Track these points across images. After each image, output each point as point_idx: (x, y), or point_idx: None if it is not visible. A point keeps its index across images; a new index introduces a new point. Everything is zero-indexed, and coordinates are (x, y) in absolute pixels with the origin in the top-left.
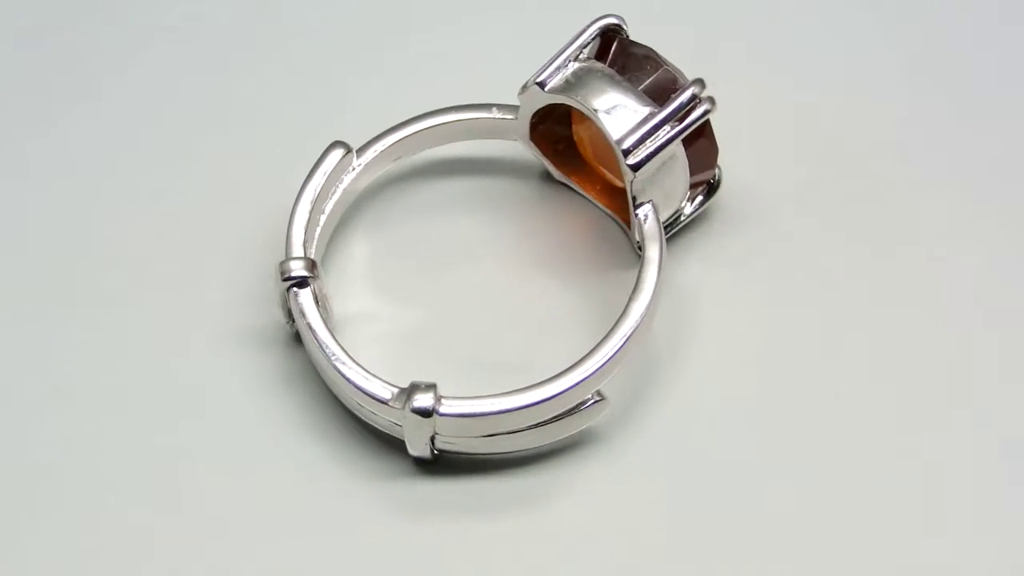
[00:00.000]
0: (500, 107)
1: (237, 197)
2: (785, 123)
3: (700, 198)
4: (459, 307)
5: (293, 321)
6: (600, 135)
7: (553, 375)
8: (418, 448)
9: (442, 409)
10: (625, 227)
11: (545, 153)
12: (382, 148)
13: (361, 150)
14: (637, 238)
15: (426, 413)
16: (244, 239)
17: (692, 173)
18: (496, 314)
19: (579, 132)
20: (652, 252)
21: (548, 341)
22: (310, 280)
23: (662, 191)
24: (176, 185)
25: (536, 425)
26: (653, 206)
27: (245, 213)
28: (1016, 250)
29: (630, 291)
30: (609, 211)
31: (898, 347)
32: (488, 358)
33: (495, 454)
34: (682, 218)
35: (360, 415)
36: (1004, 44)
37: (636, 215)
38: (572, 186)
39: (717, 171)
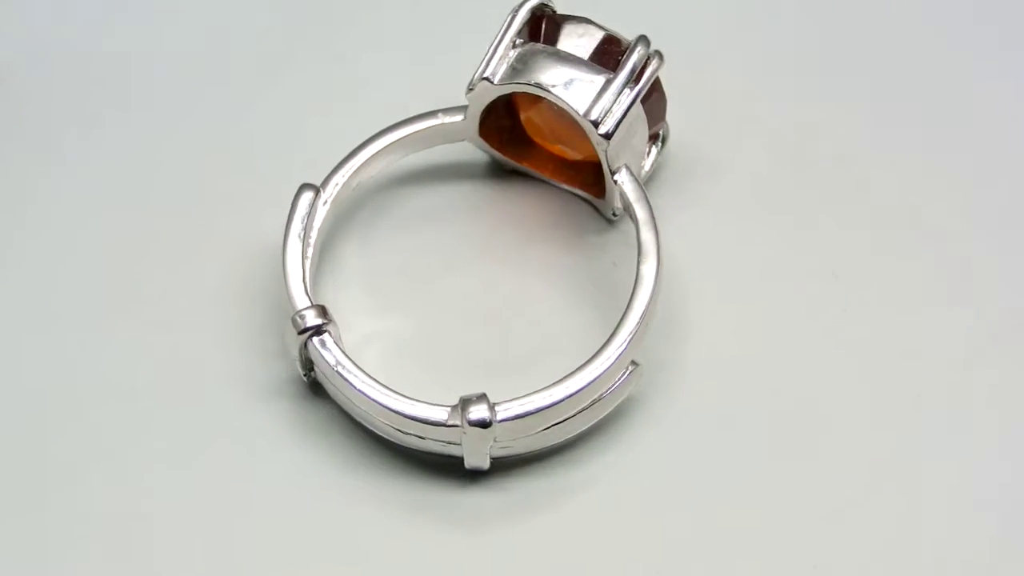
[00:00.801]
0: (445, 111)
1: (197, 248)
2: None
3: (655, 151)
4: (450, 312)
5: (311, 371)
6: (556, 114)
7: (591, 355)
8: (477, 459)
9: (499, 416)
10: (590, 198)
11: (494, 146)
12: (343, 180)
13: (323, 184)
14: (616, 204)
15: (486, 424)
16: (219, 290)
17: (648, 127)
18: (490, 312)
19: (530, 117)
20: (643, 213)
21: (547, 328)
22: (326, 326)
23: (631, 152)
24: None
25: (583, 408)
26: (628, 169)
27: (213, 264)
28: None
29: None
30: (570, 187)
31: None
32: (495, 357)
33: (546, 448)
34: (643, 174)
35: (404, 443)
36: None
37: (616, 181)
38: (526, 171)
39: (664, 123)
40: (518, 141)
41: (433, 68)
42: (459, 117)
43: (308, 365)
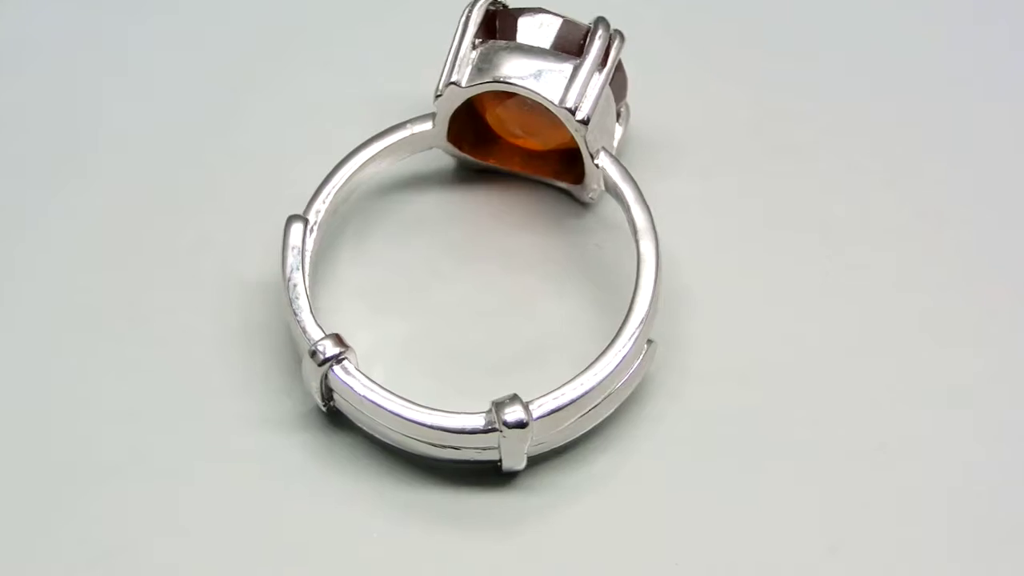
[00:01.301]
0: (413, 121)
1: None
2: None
3: (619, 129)
4: (449, 318)
5: (331, 401)
6: (524, 108)
7: (610, 339)
8: (515, 460)
9: (535, 413)
10: (564, 185)
11: (463, 149)
12: (324, 206)
13: (307, 212)
14: (594, 187)
15: (523, 424)
16: (215, 330)
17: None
18: (488, 312)
19: (496, 115)
20: (631, 192)
21: (547, 319)
22: (344, 354)
23: (605, 133)
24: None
25: (610, 393)
26: (607, 151)
27: (204, 305)
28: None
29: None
30: (542, 177)
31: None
32: (503, 355)
33: (576, 437)
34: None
35: (439, 456)
36: None
37: (597, 165)
38: (495, 169)
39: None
40: (485, 140)
41: (391, 79)
42: (428, 125)
43: (328, 395)
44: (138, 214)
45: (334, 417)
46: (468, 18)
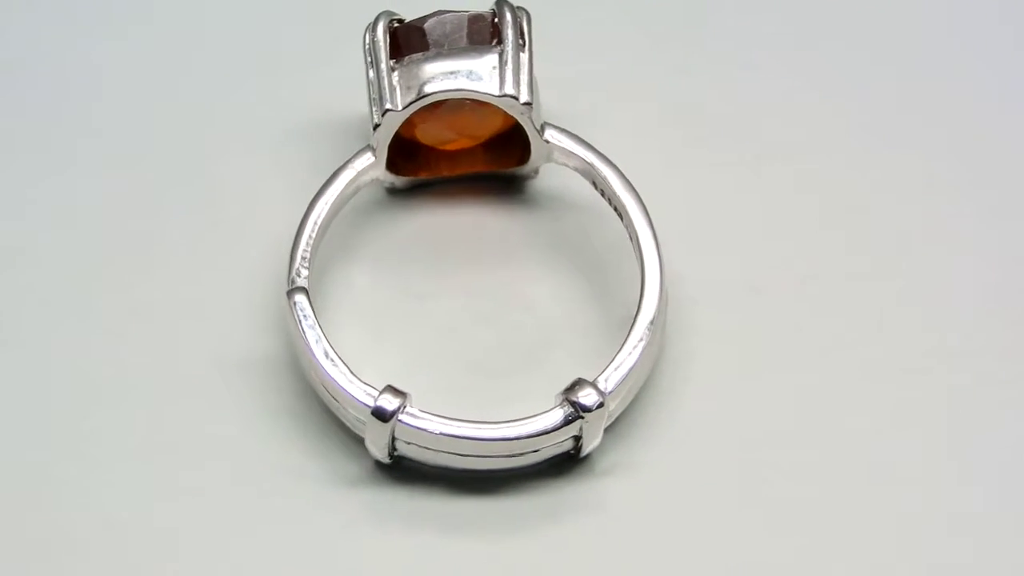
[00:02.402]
0: (352, 159)
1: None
2: None
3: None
4: (451, 332)
5: (396, 450)
6: (454, 111)
7: (635, 311)
8: (595, 439)
9: (609, 388)
10: (506, 171)
11: (401, 173)
12: (307, 270)
13: (293, 279)
14: (540, 164)
15: (600, 404)
16: (247, 411)
17: None
18: (487, 315)
19: (426, 128)
20: (592, 156)
21: (545, 305)
22: (404, 401)
23: (539, 108)
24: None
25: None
26: (551, 125)
27: (228, 388)
28: None
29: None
30: (483, 171)
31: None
32: (518, 352)
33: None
34: None
35: (519, 464)
36: None
37: (547, 140)
38: (430, 181)
39: None
40: (415, 156)
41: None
42: (369, 158)
43: (392, 446)
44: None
45: (390, 467)
46: (374, 43)
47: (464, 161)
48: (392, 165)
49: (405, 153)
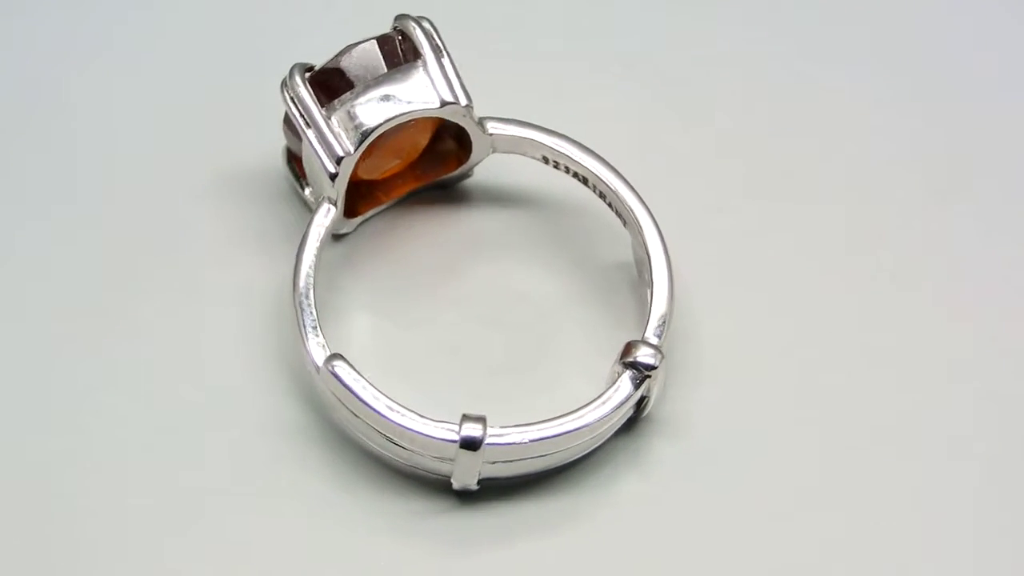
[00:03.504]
0: (316, 217)
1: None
2: None
3: None
4: (455, 346)
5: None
6: (389, 139)
7: (654, 298)
8: (659, 393)
9: (661, 344)
10: (445, 177)
11: (355, 215)
12: (319, 332)
13: (318, 348)
14: (482, 156)
15: (661, 358)
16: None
17: None
18: (486, 319)
19: (368, 162)
20: (540, 134)
21: (542, 301)
22: (486, 422)
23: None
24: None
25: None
26: (488, 118)
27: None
28: None
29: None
30: (426, 184)
31: None
32: (527, 353)
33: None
34: None
35: (595, 445)
36: None
37: (491, 134)
38: (371, 213)
39: None
40: (360, 194)
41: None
42: (331, 209)
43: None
44: None
45: (470, 494)
46: (299, 97)
47: (398, 184)
48: (352, 208)
49: (358, 190)
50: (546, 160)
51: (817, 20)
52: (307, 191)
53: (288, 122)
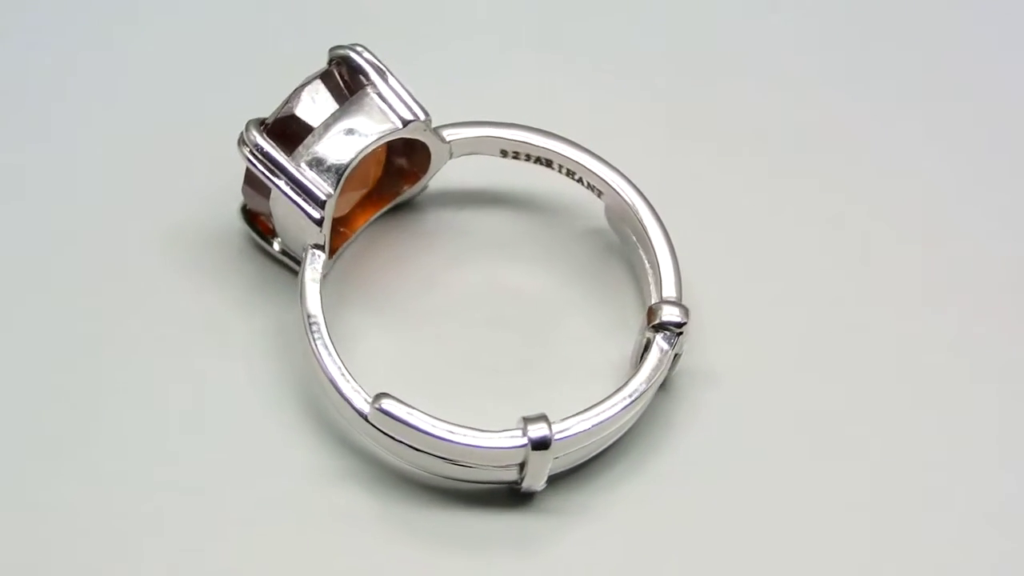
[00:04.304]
0: (309, 266)
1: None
2: None
3: None
4: (459, 357)
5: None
6: (354, 173)
7: (657, 257)
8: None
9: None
10: (406, 194)
11: (335, 252)
12: (352, 379)
13: (362, 392)
14: (439, 165)
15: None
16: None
17: None
18: (486, 322)
19: (339, 202)
20: (496, 130)
21: (529, 288)
22: (551, 433)
23: None
24: None
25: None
26: (445, 126)
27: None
28: None
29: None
30: (382, 209)
31: None
32: (535, 355)
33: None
34: None
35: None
36: None
37: (449, 141)
38: (342, 249)
39: None
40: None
41: None
42: (321, 256)
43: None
44: None
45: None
46: (262, 153)
47: (360, 214)
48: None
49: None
50: (504, 153)
51: None
52: (276, 245)
53: (250, 181)
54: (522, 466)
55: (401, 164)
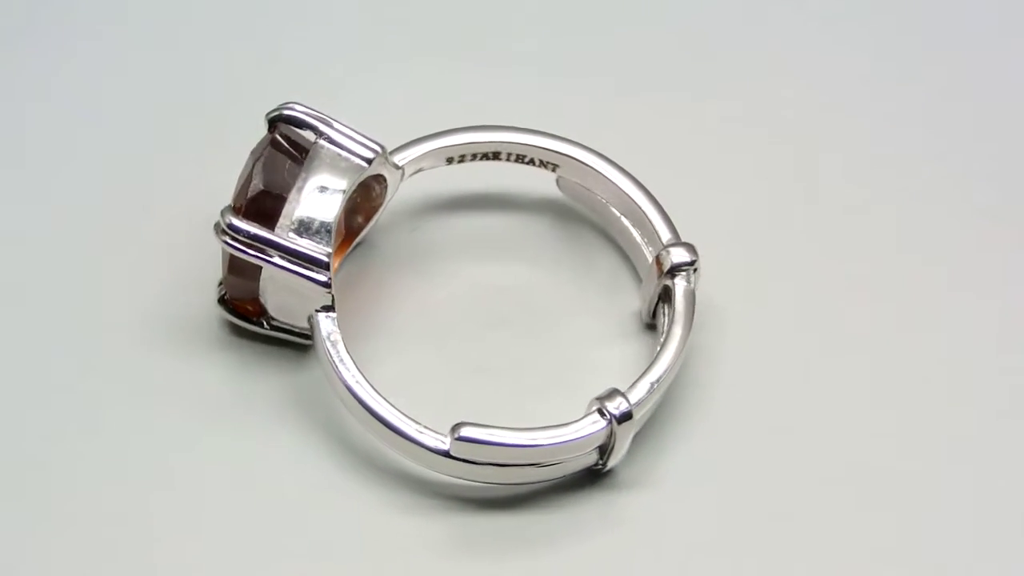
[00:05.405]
0: (321, 328)
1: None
2: None
3: None
4: (488, 360)
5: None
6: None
7: (645, 212)
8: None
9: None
10: (367, 224)
11: None
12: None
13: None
14: (394, 189)
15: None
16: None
17: None
18: (487, 322)
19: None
20: (445, 139)
21: (538, 294)
22: (630, 405)
23: None
24: None
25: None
26: (394, 150)
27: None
28: None
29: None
30: (351, 248)
31: None
32: (549, 336)
33: None
34: None
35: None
36: None
37: (400, 165)
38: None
39: None
40: None
41: None
42: (333, 315)
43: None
44: None
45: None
46: (250, 235)
47: (337, 252)
48: None
49: None
50: (450, 160)
51: None
52: (265, 324)
53: (235, 268)
54: (603, 447)
55: (355, 199)
